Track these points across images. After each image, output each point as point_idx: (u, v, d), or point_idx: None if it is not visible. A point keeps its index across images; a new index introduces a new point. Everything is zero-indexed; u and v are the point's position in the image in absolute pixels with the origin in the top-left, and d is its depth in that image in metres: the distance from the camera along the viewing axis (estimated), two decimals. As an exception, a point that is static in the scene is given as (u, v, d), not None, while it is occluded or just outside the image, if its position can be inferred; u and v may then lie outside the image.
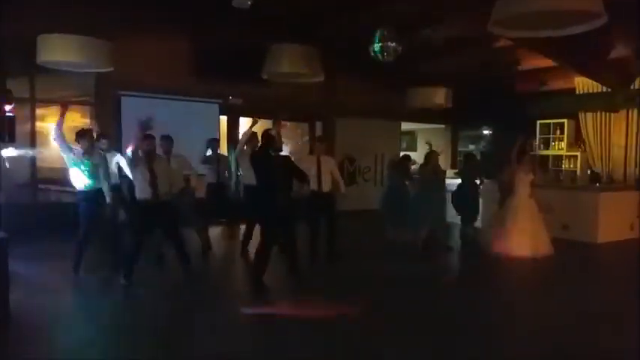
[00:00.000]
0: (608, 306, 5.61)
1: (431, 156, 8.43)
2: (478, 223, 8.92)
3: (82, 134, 6.30)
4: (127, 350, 4.18)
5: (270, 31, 8.89)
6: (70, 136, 6.39)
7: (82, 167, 6.13)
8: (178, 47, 9.95)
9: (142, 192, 5.84)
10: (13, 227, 5.30)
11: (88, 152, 6.20)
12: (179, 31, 9.76)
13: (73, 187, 6.28)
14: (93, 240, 6.41)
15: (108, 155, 6.82)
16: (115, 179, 6.70)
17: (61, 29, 7.35)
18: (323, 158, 7.27)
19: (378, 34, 7.62)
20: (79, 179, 6.17)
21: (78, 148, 6.21)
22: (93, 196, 6.20)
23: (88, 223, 6.23)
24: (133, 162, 5.84)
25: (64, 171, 6.46)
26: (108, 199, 6.31)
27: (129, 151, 5.78)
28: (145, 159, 5.83)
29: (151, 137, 5.91)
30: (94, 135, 6.62)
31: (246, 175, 7.24)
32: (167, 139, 7.00)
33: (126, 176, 6.42)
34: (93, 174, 6.19)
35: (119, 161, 6.73)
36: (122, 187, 6.72)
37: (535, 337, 4.61)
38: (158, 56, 9.62)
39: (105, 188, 6.28)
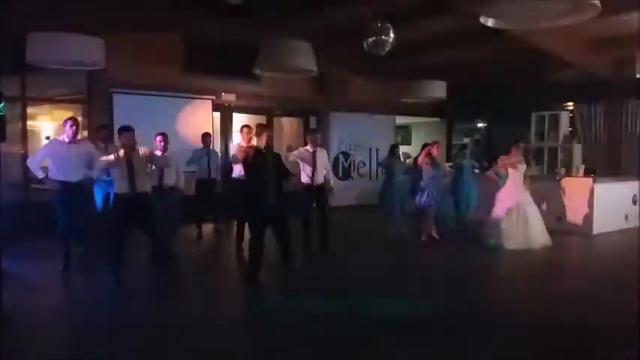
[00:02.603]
0: (602, 296, 5.63)
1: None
2: (475, 215, 8.95)
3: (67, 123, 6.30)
4: (120, 348, 4.14)
5: (263, 26, 8.82)
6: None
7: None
8: (170, 44, 9.87)
9: (119, 186, 5.70)
10: (6, 227, 5.24)
11: (73, 141, 6.19)
12: (171, 28, 9.67)
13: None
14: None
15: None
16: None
17: (50, 27, 7.26)
18: (319, 151, 7.24)
19: (372, 27, 7.57)
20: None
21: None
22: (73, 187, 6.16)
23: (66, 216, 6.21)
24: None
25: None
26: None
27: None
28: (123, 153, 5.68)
29: (130, 130, 5.76)
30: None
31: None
32: (163, 136, 6.93)
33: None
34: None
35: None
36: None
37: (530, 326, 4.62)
38: (150, 53, 9.54)
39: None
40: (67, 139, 6.21)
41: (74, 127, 6.23)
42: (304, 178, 7.11)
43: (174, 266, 6.73)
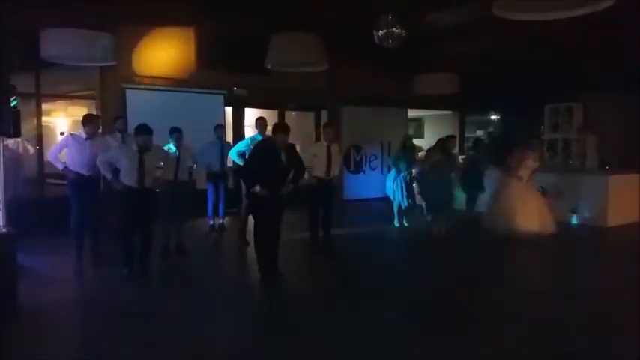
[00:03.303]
0: (615, 288, 5.60)
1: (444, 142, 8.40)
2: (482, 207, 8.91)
3: (88, 120, 6.41)
4: (134, 342, 4.19)
5: (273, 20, 8.83)
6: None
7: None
8: (182, 38, 9.90)
9: (129, 181, 5.81)
10: (21, 222, 5.32)
11: (90, 137, 6.30)
12: (183, 23, 9.71)
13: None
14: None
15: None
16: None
17: (64, 23, 7.34)
18: (333, 146, 7.28)
19: (383, 20, 7.55)
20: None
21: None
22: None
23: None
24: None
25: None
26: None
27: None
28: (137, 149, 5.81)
29: (148, 133, 5.83)
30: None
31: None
32: (177, 132, 7.00)
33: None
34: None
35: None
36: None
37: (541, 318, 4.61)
38: (162, 48, 9.58)
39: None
40: (84, 135, 6.31)
41: (92, 124, 6.36)
42: (318, 173, 7.14)
43: (185, 259, 6.85)
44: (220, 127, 8.76)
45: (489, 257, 7.19)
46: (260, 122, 7.61)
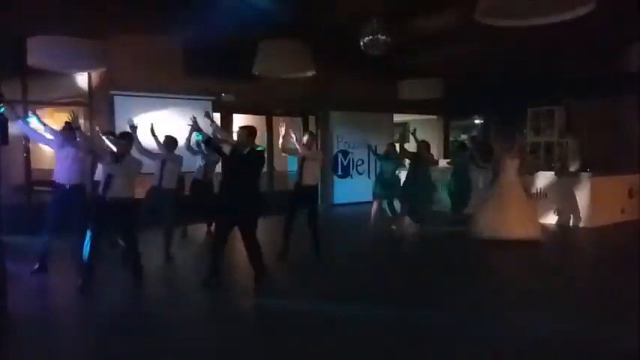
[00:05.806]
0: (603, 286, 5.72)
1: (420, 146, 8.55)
2: (468, 210, 9.04)
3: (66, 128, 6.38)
4: (124, 348, 4.17)
5: (260, 26, 8.89)
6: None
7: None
8: (170, 45, 9.93)
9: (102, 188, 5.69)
10: (8, 229, 5.30)
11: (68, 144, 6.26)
12: (169, 30, 9.72)
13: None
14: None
15: None
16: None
17: (51, 31, 7.35)
18: (309, 154, 6.93)
19: (368, 27, 7.65)
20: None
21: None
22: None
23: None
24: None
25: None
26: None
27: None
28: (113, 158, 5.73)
29: (123, 138, 5.84)
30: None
31: None
32: (170, 140, 7.04)
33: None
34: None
35: None
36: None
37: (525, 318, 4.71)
38: (150, 55, 9.60)
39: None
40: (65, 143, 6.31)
41: (67, 130, 6.32)
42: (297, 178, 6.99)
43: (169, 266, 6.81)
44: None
45: (461, 259, 7.26)
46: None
